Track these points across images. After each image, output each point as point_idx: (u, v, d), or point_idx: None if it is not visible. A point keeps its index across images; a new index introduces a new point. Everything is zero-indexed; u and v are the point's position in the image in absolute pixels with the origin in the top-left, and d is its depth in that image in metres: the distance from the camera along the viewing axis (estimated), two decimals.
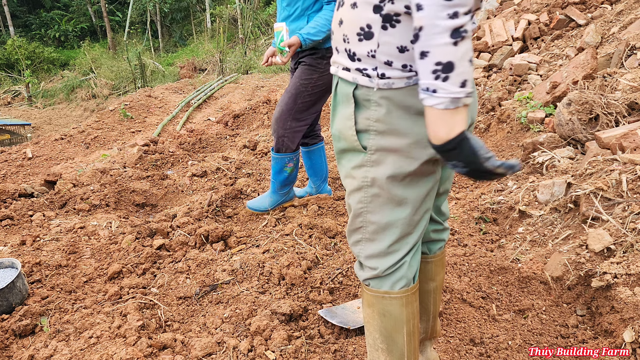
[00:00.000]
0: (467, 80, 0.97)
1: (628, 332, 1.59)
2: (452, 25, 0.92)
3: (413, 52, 1.06)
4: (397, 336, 1.31)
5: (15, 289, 2.05)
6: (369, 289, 1.31)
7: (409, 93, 1.09)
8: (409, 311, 1.31)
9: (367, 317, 1.35)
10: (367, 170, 1.17)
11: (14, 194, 3.36)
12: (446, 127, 0.99)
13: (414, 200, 1.20)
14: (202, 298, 2.19)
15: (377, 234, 1.24)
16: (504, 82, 4.37)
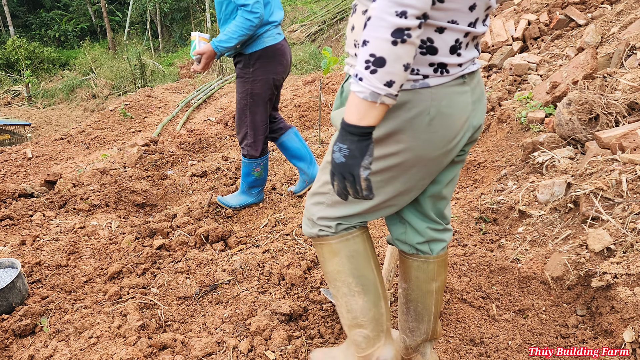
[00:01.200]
0: (395, 82, 0.99)
1: (628, 332, 1.59)
2: (396, 23, 0.94)
3: (425, 56, 1.10)
4: (367, 272, 1.39)
5: (15, 289, 2.05)
6: (329, 238, 1.36)
7: (412, 95, 1.13)
8: (369, 244, 1.41)
9: (336, 267, 1.38)
10: None
11: (14, 194, 3.36)
12: (358, 115, 1.03)
13: (385, 193, 1.27)
14: (202, 298, 2.19)
15: (338, 204, 1.31)
16: (504, 82, 4.37)
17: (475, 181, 3.38)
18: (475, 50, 1.21)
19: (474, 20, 1.12)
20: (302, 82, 7.57)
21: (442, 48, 1.11)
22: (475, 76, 1.24)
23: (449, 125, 1.18)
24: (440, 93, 1.14)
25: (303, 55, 11.84)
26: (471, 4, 1.08)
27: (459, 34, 1.11)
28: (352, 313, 1.41)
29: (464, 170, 3.48)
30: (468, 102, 1.20)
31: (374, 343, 1.42)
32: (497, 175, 3.16)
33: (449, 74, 1.14)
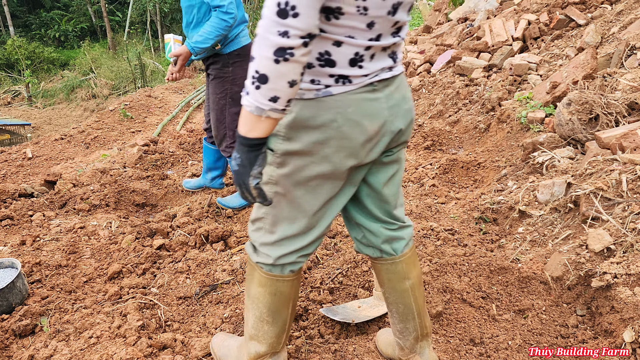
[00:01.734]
0: (280, 97, 1.04)
1: (628, 332, 1.59)
2: (278, 43, 0.98)
3: (323, 68, 1.15)
4: (283, 311, 1.49)
5: (15, 289, 2.05)
6: (263, 271, 1.42)
7: (317, 104, 1.18)
8: (295, 289, 1.49)
9: (257, 295, 1.47)
10: (273, 170, 1.27)
11: (14, 194, 3.36)
12: (247, 127, 1.10)
13: (313, 203, 1.31)
14: (202, 298, 2.19)
15: (275, 227, 1.36)
16: (504, 82, 4.37)
17: (475, 181, 3.38)
18: (388, 60, 1.24)
19: (376, 35, 1.16)
20: None
21: (341, 61, 1.15)
22: (392, 82, 1.27)
23: (360, 132, 1.21)
24: (345, 100, 1.18)
25: None
26: (369, 22, 1.12)
27: (358, 48, 1.15)
28: (255, 330, 1.52)
29: (464, 170, 3.48)
30: (382, 108, 1.23)
31: (263, 357, 1.55)
32: (497, 175, 3.16)
33: (352, 84, 1.18)
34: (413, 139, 4.25)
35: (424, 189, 3.27)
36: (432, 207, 2.95)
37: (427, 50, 6.13)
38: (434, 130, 4.23)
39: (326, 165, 1.24)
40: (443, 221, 2.77)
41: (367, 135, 1.23)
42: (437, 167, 3.54)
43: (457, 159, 3.56)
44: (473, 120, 4.17)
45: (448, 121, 4.39)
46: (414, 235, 1.53)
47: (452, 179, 3.45)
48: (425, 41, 6.58)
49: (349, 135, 1.21)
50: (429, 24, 7.23)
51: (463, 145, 4.05)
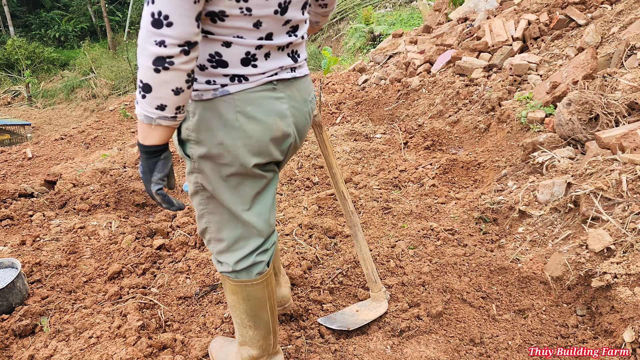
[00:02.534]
0: (167, 105, 1.06)
1: (628, 332, 1.59)
2: (156, 52, 0.99)
3: (216, 69, 1.17)
4: (262, 314, 1.50)
5: (15, 289, 2.05)
6: (230, 279, 1.44)
7: (217, 104, 1.19)
8: (269, 290, 1.49)
9: (233, 303, 1.49)
10: (197, 176, 1.29)
11: (14, 194, 3.36)
12: (142, 135, 1.13)
13: (241, 202, 1.31)
14: (202, 298, 2.19)
15: (219, 234, 1.37)
16: (504, 82, 4.37)
17: (475, 181, 3.38)
18: (287, 59, 1.26)
19: (266, 35, 1.17)
20: None
21: (232, 61, 1.16)
22: (295, 83, 1.29)
23: (263, 129, 1.22)
24: (244, 98, 1.19)
25: None
26: (254, 22, 1.13)
27: (248, 48, 1.16)
28: (242, 337, 1.55)
29: (464, 170, 3.48)
30: (283, 108, 1.25)
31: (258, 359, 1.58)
32: (497, 175, 3.16)
33: (249, 82, 1.19)
34: (413, 139, 4.25)
35: (424, 189, 3.27)
36: (432, 207, 2.95)
37: (427, 50, 6.13)
38: (434, 130, 4.23)
39: (238, 165, 1.24)
40: (443, 221, 2.77)
41: (273, 134, 1.25)
42: (437, 167, 3.54)
43: (457, 159, 3.56)
44: (473, 120, 4.17)
45: (448, 121, 4.39)
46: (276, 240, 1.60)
47: (452, 179, 3.45)
48: (425, 41, 6.58)
49: (253, 134, 1.22)
50: (429, 24, 7.23)
51: (463, 145, 4.05)
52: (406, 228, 2.71)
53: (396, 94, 5.42)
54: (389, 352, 1.81)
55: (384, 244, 2.53)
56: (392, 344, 1.84)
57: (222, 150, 1.22)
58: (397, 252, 2.40)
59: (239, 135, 1.21)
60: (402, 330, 1.89)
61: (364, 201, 3.07)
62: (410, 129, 4.47)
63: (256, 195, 1.33)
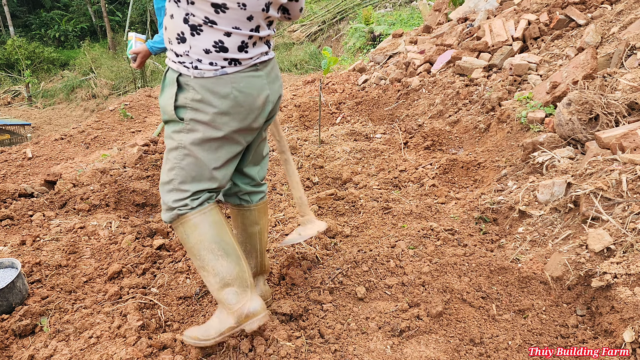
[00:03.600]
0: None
1: (628, 332, 1.59)
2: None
3: (219, 53, 1.50)
4: (226, 237, 1.69)
5: (15, 289, 2.05)
6: (189, 215, 1.63)
7: (217, 81, 1.52)
8: (224, 215, 1.74)
9: (199, 237, 1.65)
10: (183, 136, 1.57)
11: (14, 194, 3.36)
12: None
13: (215, 161, 1.61)
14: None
15: (184, 185, 1.62)
16: (504, 82, 4.37)
17: (475, 181, 3.38)
18: (264, 46, 1.62)
19: (255, 27, 1.53)
20: (302, 82, 7.57)
21: (232, 47, 1.51)
22: (268, 64, 1.66)
23: (251, 101, 1.58)
24: (238, 78, 1.54)
25: (303, 55, 11.84)
26: (248, 16, 1.49)
27: (243, 37, 1.52)
28: (219, 275, 1.66)
29: (464, 170, 3.48)
30: (264, 83, 1.61)
31: (242, 298, 1.67)
32: (497, 175, 3.16)
33: (242, 65, 1.54)
34: (413, 139, 4.25)
35: (424, 189, 3.27)
36: (432, 207, 2.95)
37: (427, 50, 6.13)
38: (434, 130, 4.23)
39: (226, 130, 1.56)
40: (443, 221, 2.77)
41: (257, 104, 1.60)
42: (437, 167, 3.54)
43: (457, 159, 3.56)
44: (473, 120, 4.17)
45: (448, 121, 4.39)
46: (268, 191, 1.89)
47: (452, 179, 3.45)
48: (425, 41, 6.58)
49: (243, 104, 1.56)
50: (429, 24, 7.22)
51: (463, 145, 4.05)
52: (406, 228, 2.71)
53: (396, 94, 5.42)
54: (389, 352, 1.81)
55: (384, 244, 2.53)
56: (392, 344, 1.84)
57: (216, 117, 1.53)
58: (397, 252, 2.40)
59: (233, 105, 1.53)
60: (402, 330, 1.89)
61: (364, 201, 3.07)
62: (410, 129, 4.47)
63: (229, 159, 1.64)
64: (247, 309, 1.66)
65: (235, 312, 1.66)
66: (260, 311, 1.68)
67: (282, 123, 5.32)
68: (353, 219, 2.91)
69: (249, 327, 1.66)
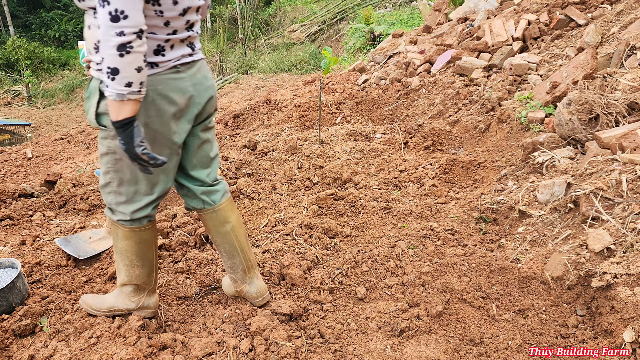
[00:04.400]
0: (133, 82, 1.37)
1: (628, 332, 1.59)
2: (119, 41, 1.31)
3: None
4: (149, 254, 1.87)
5: (15, 289, 2.05)
6: (125, 227, 1.77)
7: None
8: (155, 233, 1.87)
9: (125, 247, 1.81)
10: (109, 142, 1.61)
11: (14, 194, 3.36)
12: (115, 112, 1.41)
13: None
14: (202, 298, 2.19)
15: (121, 188, 1.70)
16: (504, 82, 4.37)
17: (475, 181, 3.38)
18: (187, 48, 1.63)
19: (172, 31, 1.55)
20: (302, 82, 7.57)
21: (147, 51, 1.47)
22: (193, 66, 1.66)
23: (170, 102, 1.58)
24: (155, 80, 1.54)
25: (303, 55, 11.84)
26: (165, 22, 1.50)
27: (159, 41, 1.52)
28: (129, 277, 1.87)
29: (464, 170, 3.48)
30: (186, 85, 1.62)
31: (140, 293, 1.93)
32: (497, 175, 3.16)
33: (159, 67, 1.54)
34: (413, 139, 4.26)
35: (424, 189, 3.27)
36: (432, 207, 2.95)
37: (427, 50, 6.13)
38: (434, 130, 4.23)
39: (148, 133, 1.57)
40: (443, 221, 2.77)
41: (177, 106, 1.61)
42: (437, 167, 3.54)
43: (457, 159, 3.56)
44: (473, 120, 4.17)
45: (448, 121, 4.39)
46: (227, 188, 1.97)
47: (452, 179, 3.45)
48: (425, 41, 6.58)
49: (161, 105, 1.57)
50: (429, 24, 7.23)
51: (463, 145, 4.05)
52: (406, 228, 2.71)
53: (396, 94, 5.42)
54: (389, 352, 1.81)
55: (384, 244, 2.53)
56: (392, 344, 1.84)
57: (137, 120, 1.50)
58: (397, 252, 2.40)
59: (150, 107, 1.55)
60: (402, 330, 1.89)
61: (364, 201, 3.07)
62: (410, 129, 4.47)
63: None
64: (141, 303, 1.94)
65: (130, 301, 1.93)
66: (152, 307, 1.97)
67: (282, 123, 5.32)
68: (353, 219, 2.92)
69: (137, 313, 1.95)
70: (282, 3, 15.98)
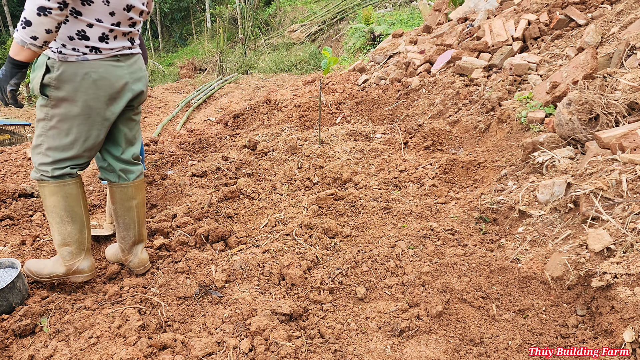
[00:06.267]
0: (38, 37, 1.63)
1: (628, 332, 1.59)
2: (42, 3, 1.58)
3: (79, 40, 1.79)
4: (77, 209, 2.05)
5: (15, 289, 2.05)
6: (50, 182, 1.96)
7: (79, 65, 1.82)
8: (81, 189, 2.06)
9: (53, 203, 1.99)
10: (48, 110, 1.88)
11: (14, 194, 3.36)
12: (14, 51, 1.69)
13: (77, 136, 1.93)
14: (202, 298, 2.19)
15: (49, 151, 1.94)
16: (504, 82, 4.37)
17: (475, 181, 3.38)
18: (127, 42, 1.94)
19: (117, 22, 1.84)
20: (302, 82, 7.57)
21: (93, 37, 1.80)
22: (131, 58, 1.97)
23: (108, 85, 1.88)
24: (97, 64, 1.85)
25: (303, 55, 11.83)
26: (111, 11, 1.79)
27: (104, 29, 1.81)
28: (62, 235, 2.04)
29: (464, 170, 3.48)
30: (124, 73, 1.93)
31: (76, 257, 2.11)
32: (497, 175, 3.16)
33: (102, 54, 1.85)
34: (413, 139, 4.25)
35: (424, 189, 3.27)
36: (432, 207, 2.95)
37: (427, 50, 6.13)
38: (434, 130, 4.23)
39: (85, 109, 1.87)
40: (443, 221, 2.77)
41: (114, 89, 1.91)
42: (437, 167, 3.54)
43: (457, 159, 3.56)
44: (473, 120, 4.17)
45: (448, 121, 4.39)
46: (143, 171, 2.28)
47: (452, 179, 3.45)
48: (425, 41, 6.57)
49: (101, 86, 1.86)
50: (429, 24, 7.22)
51: (463, 145, 4.05)
52: (406, 228, 2.71)
53: (396, 94, 5.42)
54: (389, 352, 1.81)
55: (384, 244, 2.53)
56: (392, 344, 1.84)
57: (75, 95, 1.84)
58: (397, 252, 2.40)
59: (90, 86, 1.84)
60: (402, 330, 1.89)
61: (364, 201, 3.07)
62: (410, 129, 4.47)
63: (90, 135, 1.94)
64: (76, 267, 2.11)
65: (66, 266, 2.09)
66: (87, 271, 2.14)
67: (282, 123, 5.32)
68: (353, 219, 2.91)
69: (73, 279, 2.14)
70: (282, 3, 15.98)
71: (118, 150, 2.14)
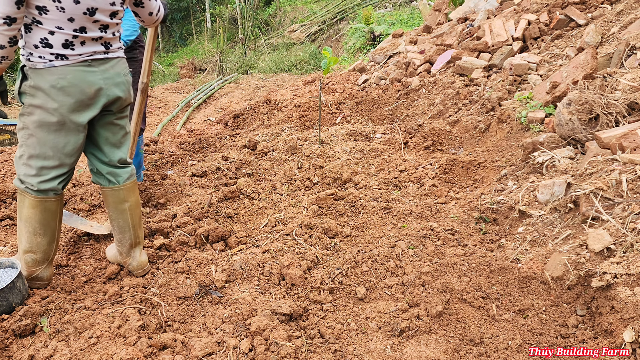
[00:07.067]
0: None
1: (628, 332, 1.59)
2: None
3: (45, 48, 1.79)
4: (52, 223, 2.06)
5: (15, 289, 2.05)
6: (32, 195, 1.97)
7: (47, 72, 1.82)
8: (61, 205, 2.08)
9: (30, 214, 2.00)
10: (25, 118, 1.89)
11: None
12: None
13: (55, 143, 1.91)
14: (202, 298, 2.19)
15: (30, 161, 1.94)
16: (504, 82, 4.37)
17: (475, 181, 3.38)
18: (100, 46, 1.91)
19: (79, 27, 1.81)
20: (302, 82, 7.57)
21: (56, 44, 1.79)
22: (106, 63, 1.94)
23: (78, 91, 1.85)
24: (65, 70, 1.82)
25: (303, 55, 11.83)
26: (69, 17, 1.76)
27: (66, 36, 1.79)
28: (30, 244, 2.06)
29: (464, 170, 3.48)
30: (97, 79, 1.90)
31: (39, 265, 2.12)
32: (497, 175, 3.16)
33: (69, 60, 1.82)
34: (413, 139, 4.26)
35: (424, 189, 3.27)
36: (432, 207, 2.95)
37: (427, 50, 6.13)
38: (434, 130, 4.23)
39: (57, 116, 1.85)
40: (443, 221, 2.77)
41: (86, 95, 1.87)
42: (437, 167, 3.54)
43: (457, 159, 3.56)
44: (473, 120, 4.17)
45: (448, 121, 4.39)
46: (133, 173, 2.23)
47: (452, 179, 3.45)
48: (425, 41, 6.57)
49: (71, 93, 1.84)
50: (429, 24, 7.22)
51: (463, 145, 4.05)
52: (406, 228, 2.71)
53: (396, 94, 5.42)
54: (389, 352, 1.81)
55: (384, 244, 2.53)
56: (392, 344, 1.84)
57: (47, 103, 1.83)
58: (397, 252, 2.40)
59: (59, 94, 1.82)
60: (402, 330, 1.89)
61: (364, 201, 3.07)
62: (410, 129, 4.47)
63: (69, 142, 1.92)
64: (36, 274, 2.13)
65: (27, 271, 2.11)
66: (45, 280, 2.16)
67: (282, 123, 5.32)
68: (353, 219, 2.91)
69: (30, 284, 2.14)
70: (282, 3, 15.98)
71: (102, 154, 2.13)
